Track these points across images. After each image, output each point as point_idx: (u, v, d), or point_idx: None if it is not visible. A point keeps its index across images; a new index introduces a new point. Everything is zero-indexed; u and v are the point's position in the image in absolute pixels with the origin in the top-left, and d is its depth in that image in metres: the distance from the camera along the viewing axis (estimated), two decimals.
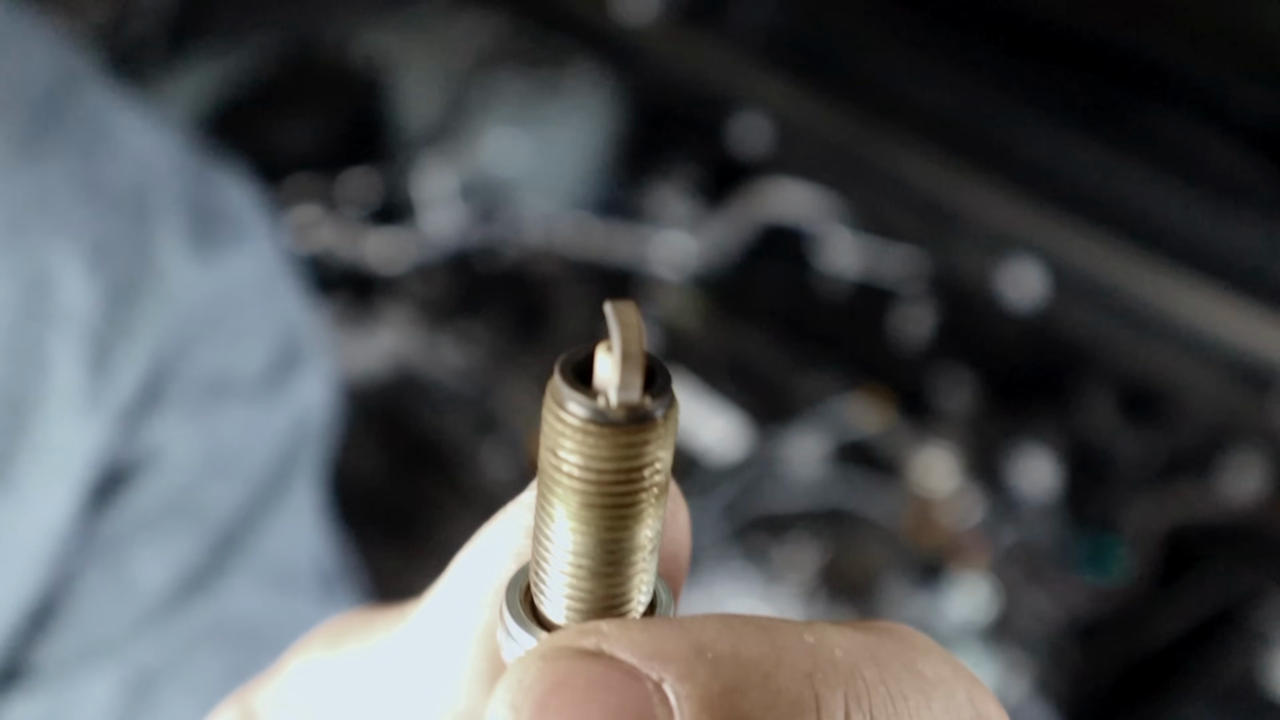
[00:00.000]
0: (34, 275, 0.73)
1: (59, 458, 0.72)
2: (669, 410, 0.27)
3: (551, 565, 0.29)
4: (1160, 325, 1.48)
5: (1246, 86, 1.52)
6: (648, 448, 0.27)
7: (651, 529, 0.28)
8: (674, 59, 1.74)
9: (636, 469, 0.27)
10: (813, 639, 0.27)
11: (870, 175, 1.63)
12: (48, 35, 0.82)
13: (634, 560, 0.29)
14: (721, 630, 0.27)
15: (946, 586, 1.44)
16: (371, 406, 1.62)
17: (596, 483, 0.27)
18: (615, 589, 0.29)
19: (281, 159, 1.74)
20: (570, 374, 0.27)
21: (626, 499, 0.28)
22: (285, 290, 0.84)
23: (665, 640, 0.26)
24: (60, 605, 0.73)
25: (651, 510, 0.28)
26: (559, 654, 0.26)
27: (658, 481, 0.28)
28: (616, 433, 0.27)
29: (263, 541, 0.77)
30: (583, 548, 0.28)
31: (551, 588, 0.29)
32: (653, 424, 0.27)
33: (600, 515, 0.28)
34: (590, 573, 0.28)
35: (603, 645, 0.26)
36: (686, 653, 0.26)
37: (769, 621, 0.27)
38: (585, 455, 0.27)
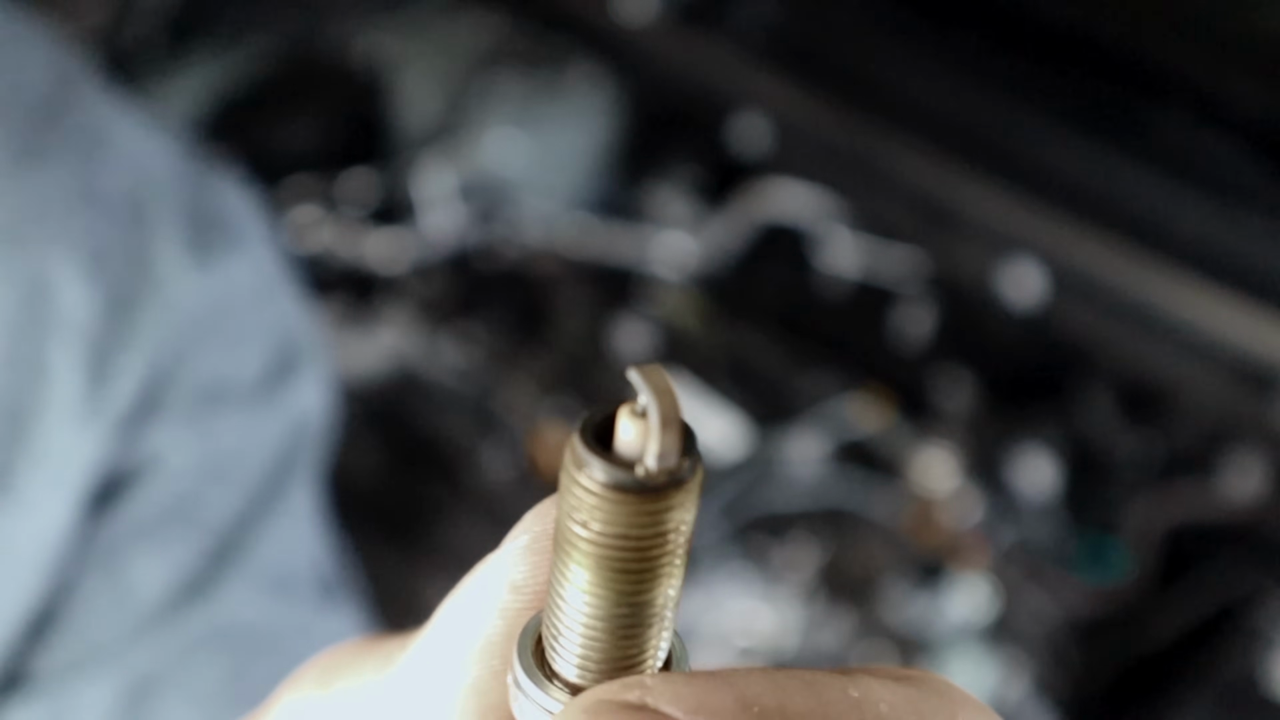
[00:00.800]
0: (33, 283, 0.73)
1: (58, 466, 0.72)
2: (696, 471, 0.27)
3: (566, 625, 0.28)
4: (1160, 325, 1.48)
5: (1246, 86, 1.52)
6: (676, 512, 0.27)
7: (673, 588, 0.28)
8: (674, 59, 1.74)
9: (663, 533, 0.27)
10: (857, 694, 0.27)
11: (870, 175, 1.63)
12: (45, 40, 0.82)
13: (654, 620, 0.28)
14: (766, 685, 0.26)
15: (946, 586, 1.44)
16: (371, 406, 1.62)
17: (620, 549, 0.27)
18: (633, 648, 0.28)
19: (281, 159, 1.74)
20: (592, 437, 0.27)
21: (650, 563, 0.27)
22: (283, 295, 0.84)
23: (710, 694, 0.26)
24: (59, 612, 0.73)
25: (674, 571, 0.28)
26: (602, 708, 0.26)
27: (682, 543, 0.27)
28: (646, 499, 0.26)
29: (260, 547, 0.77)
30: (601, 611, 0.28)
31: (565, 646, 0.28)
32: (683, 487, 0.27)
33: (622, 580, 0.27)
34: (608, 634, 0.28)
35: (647, 699, 0.26)
36: (732, 707, 0.25)
37: (813, 675, 0.27)
38: (610, 522, 0.26)
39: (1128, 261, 1.49)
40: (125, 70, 1.77)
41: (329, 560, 0.84)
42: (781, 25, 1.73)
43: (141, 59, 1.82)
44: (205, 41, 1.85)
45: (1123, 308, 1.50)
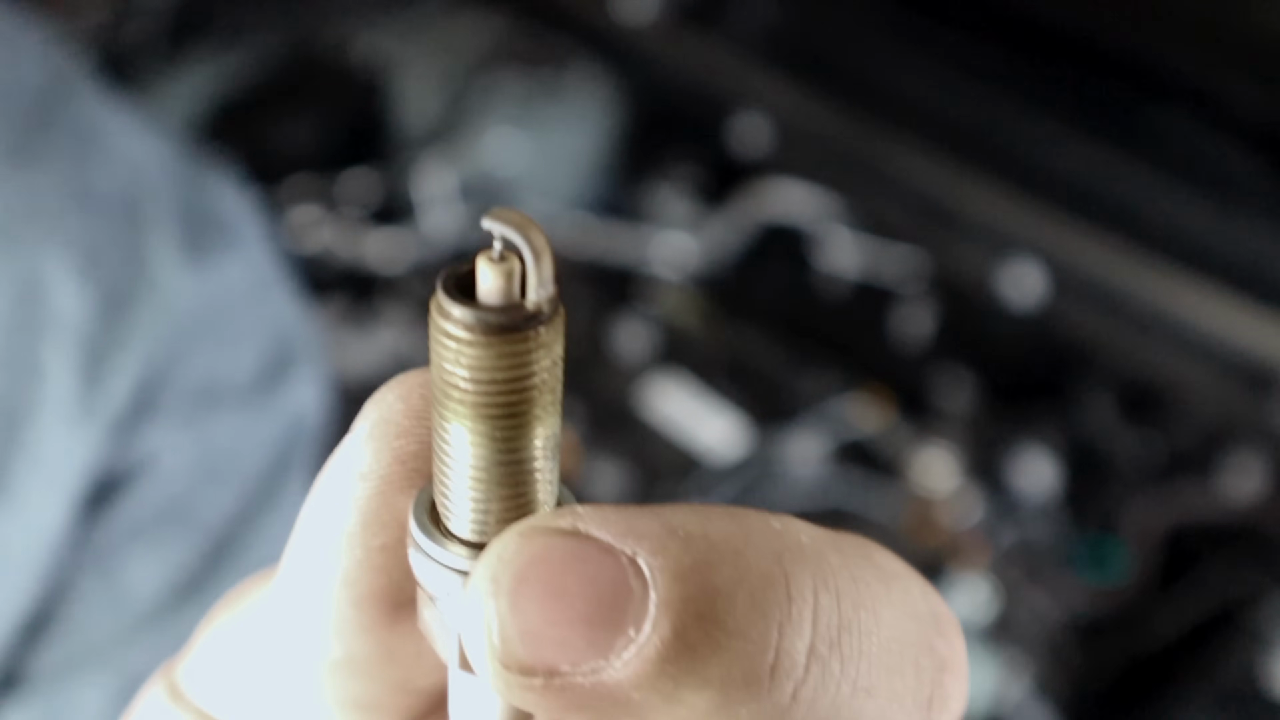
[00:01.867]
0: (27, 283, 0.73)
1: (53, 467, 0.72)
2: (558, 309, 0.27)
3: (455, 481, 0.29)
4: (1160, 325, 1.48)
5: (1246, 86, 1.52)
6: (548, 348, 0.27)
7: (553, 430, 0.29)
8: (674, 59, 1.74)
9: (536, 371, 0.28)
10: (780, 525, 0.28)
11: (870, 175, 1.63)
12: (40, 40, 0.82)
13: (539, 465, 0.29)
14: (691, 514, 0.27)
15: (946, 586, 1.44)
16: None
17: (498, 391, 0.27)
18: (522, 495, 0.29)
19: (281, 159, 1.74)
20: (454, 287, 0.27)
21: (528, 404, 0.28)
22: (279, 295, 0.84)
23: (638, 520, 0.27)
24: (54, 613, 0.73)
25: (554, 412, 0.28)
26: (536, 532, 0.27)
27: (554, 384, 0.28)
28: (518, 337, 0.27)
29: (255, 547, 0.77)
30: (487, 460, 0.28)
31: (457, 503, 0.29)
32: (552, 321, 0.27)
33: (502, 425, 0.28)
34: (497, 482, 0.29)
35: (578, 524, 0.27)
36: (659, 531, 0.27)
37: (738, 510, 0.28)
38: (486, 366, 0.27)
39: (1128, 261, 1.49)
40: (125, 70, 1.77)
41: None
42: (781, 25, 1.73)
43: (141, 59, 1.82)
44: (205, 41, 1.85)
45: (1123, 308, 1.50)
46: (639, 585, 0.26)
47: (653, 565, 0.26)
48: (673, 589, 0.26)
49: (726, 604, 0.26)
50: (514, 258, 0.27)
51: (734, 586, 0.26)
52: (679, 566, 0.26)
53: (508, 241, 0.27)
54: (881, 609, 0.28)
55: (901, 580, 0.29)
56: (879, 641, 0.28)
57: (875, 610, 0.28)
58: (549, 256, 0.27)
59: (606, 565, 0.26)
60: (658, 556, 0.26)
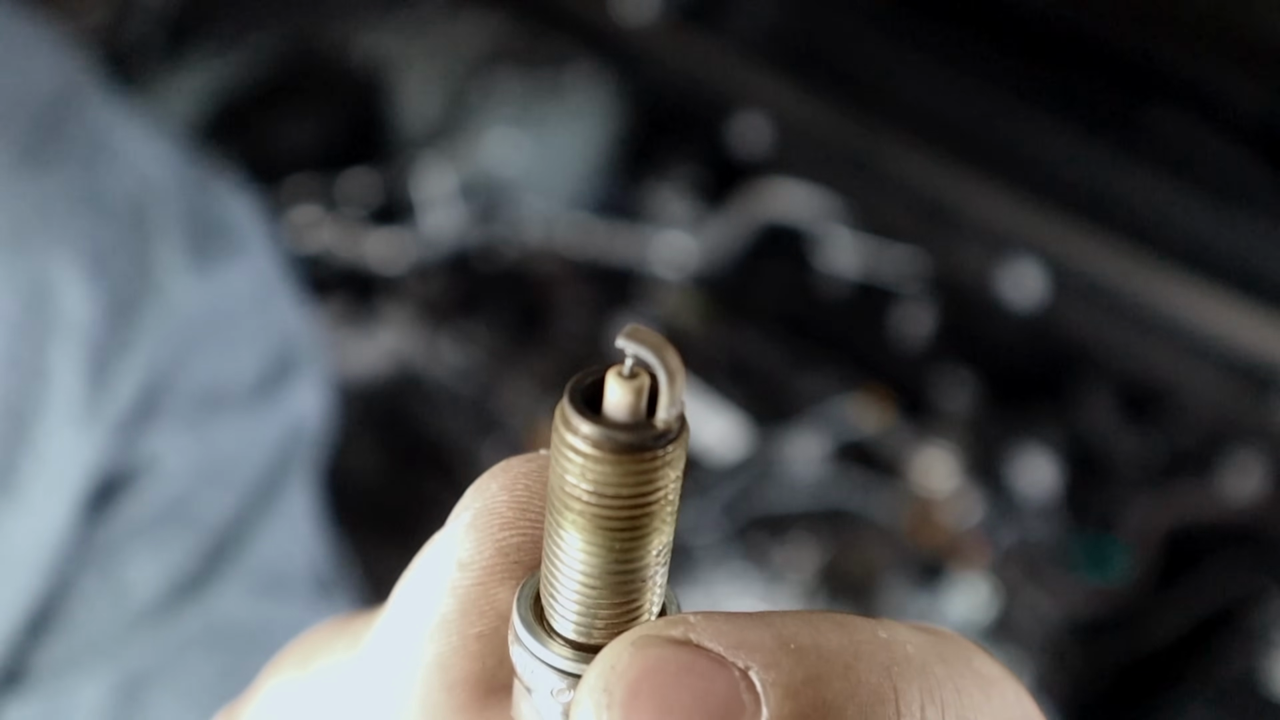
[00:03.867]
0: (34, 286, 0.73)
1: (57, 466, 0.72)
2: (685, 426, 0.28)
3: (564, 584, 0.29)
4: (1160, 325, 1.48)
5: (1246, 86, 1.52)
6: (671, 467, 0.28)
7: (666, 543, 0.29)
8: (674, 59, 1.74)
9: (658, 489, 0.28)
10: (886, 635, 0.28)
11: (870, 175, 1.63)
12: (50, 44, 0.82)
13: (649, 575, 0.29)
14: (801, 624, 0.28)
15: (946, 586, 1.44)
16: (371, 406, 1.62)
17: (617, 507, 0.27)
18: (630, 602, 0.29)
19: (281, 159, 1.74)
20: (581, 400, 0.27)
21: (646, 519, 0.28)
22: (282, 300, 0.85)
23: (750, 631, 0.27)
24: (56, 611, 0.73)
25: (668, 525, 0.29)
26: (649, 642, 0.27)
27: (673, 498, 0.28)
28: (643, 457, 0.27)
29: (255, 548, 0.77)
30: (599, 569, 0.28)
31: (564, 604, 0.29)
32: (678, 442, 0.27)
33: (618, 538, 0.28)
34: (607, 590, 0.29)
35: (690, 635, 0.27)
36: (771, 643, 0.27)
37: (845, 617, 0.28)
38: (607, 482, 0.27)
39: (1128, 261, 1.49)
40: (125, 70, 1.77)
41: (326, 560, 0.84)
42: (781, 25, 1.73)
43: (141, 59, 1.82)
44: (205, 41, 1.85)
45: (1123, 308, 1.50)
46: (751, 700, 0.26)
47: (765, 680, 0.26)
48: (785, 705, 0.26)
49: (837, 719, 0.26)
50: (644, 375, 0.27)
51: (845, 701, 0.27)
52: (791, 681, 0.26)
53: (640, 359, 0.27)
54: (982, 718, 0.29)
55: (999, 686, 0.30)
56: None
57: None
58: (681, 378, 0.27)
59: (719, 679, 0.26)
60: (770, 671, 0.27)
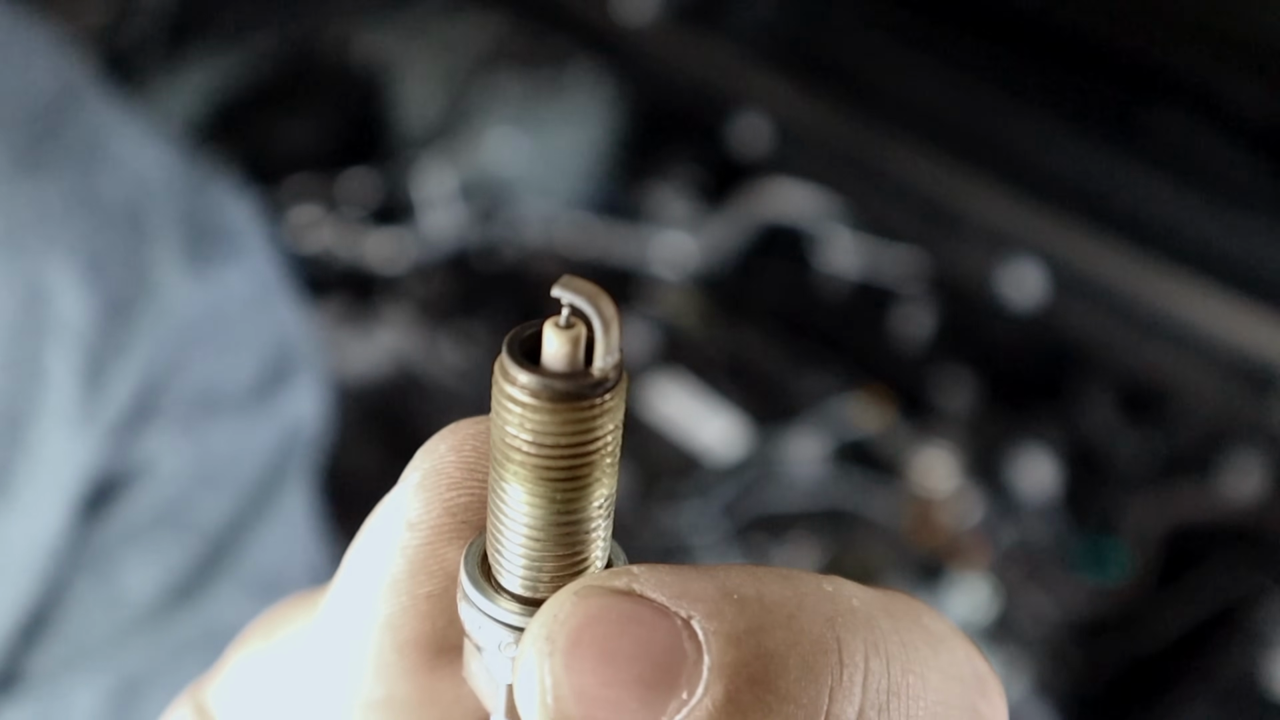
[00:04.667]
0: (31, 288, 0.73)
1: (53, 469, 0.72)
2: (622, 377, 0.28)
3: (509, 538, 0.29)
4: (1160, 325, 1.48)
5: (1246, 86, 1.52)
6: (610, 415, 0.28)
7: (609, 492, 0.29)
8: (674, 59, 1.74)
9: (599, 437, 0.28)
10: (831, 588, 0.28)
11: (870, 175, 1.63)
12: (48, 46, 0.82)
13: (593, 527, 0.29)
14: (745, 576, 0.28)
15: (946, 586, 1.44)
16: (371, 406, 1.62)
17: (559, 456, 0.28)
18: (576, 554, 0.29)
19: (281, 159, 1.74)
20: (519, 351, 0.27)
21: (588, 469, 0.28)
22: (279, 303, 0.85)
23: (694, 582, 0.27)
24: (50, 614, 0.73)
25: (611, 475, 0.29)
26: (592, 592, 0.27)
27: (613, 449, 0.28)
28: (582, 405, 0.27)
29: (252, 551, 0.77)
30: (543, 520, 0.28)
31: (510, 559, 0.29)
32: (616, 389, 0.27)
33: (561, 488, 0.28)
34: (551, 542, 0.29)
35: (634, 585, 0.27)
36: (714, 594, 0.27)
37: (790, 571, 0.29)
38: (547, 431, 0.27)
39: (1128, 261, 1.49)
40: (125, 70, 1.77)
41: (325, 564, 0.84)
42: (781, 25, 1.73)
43: (141, 59, 1.82)
44: (205, 41, 1.85)
45: (1123, 308, 1.50)
46: (693, 648, 0.26)
47: (707, 629, 0.27)
48: (726, 653, 0.26)
49: (779, 668, 0.27)
50: (580, 324, 0.27)
51: (787, 651, 0.27)
52: (733, 630, 0.27)
53: (575, 308, 0.27)
54: (929, 673, 0.29)
55: (948, 643, 0.30)
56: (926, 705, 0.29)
57: (923, 674, 0.29)
58: (617, 325, 0.27)
59: (661, 627, 0.27)
60: (712, 620, 0.27)
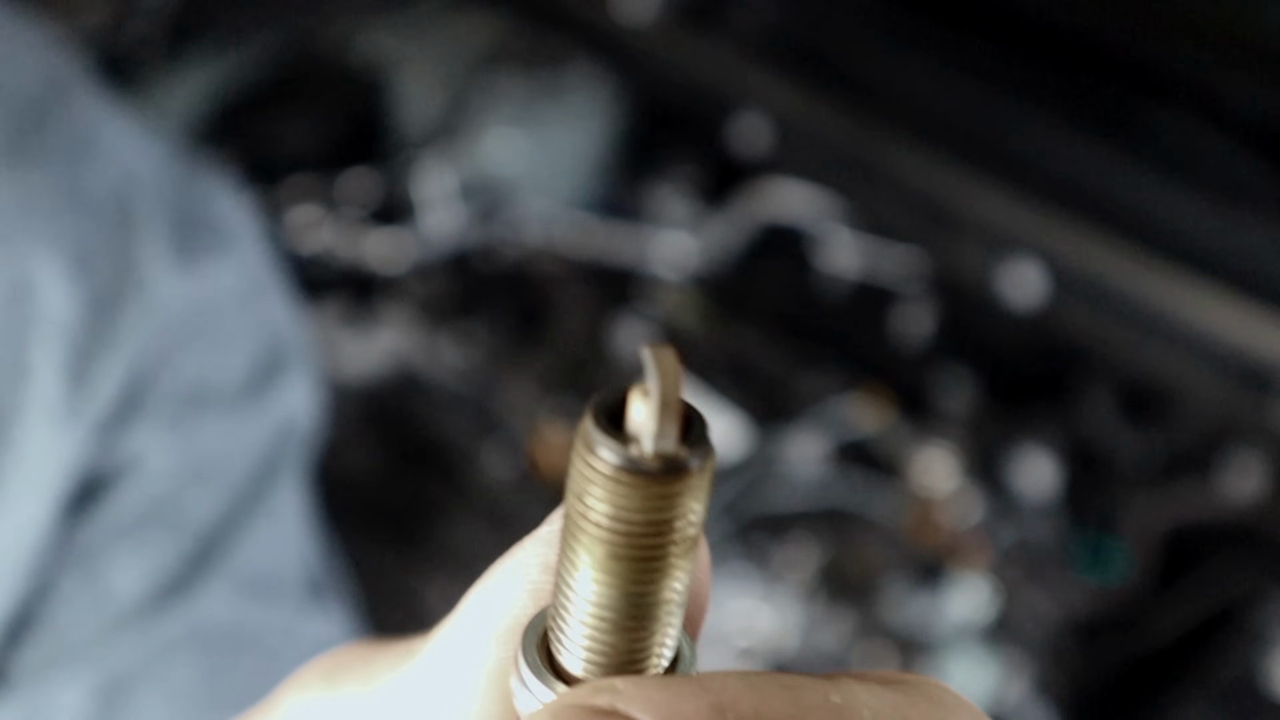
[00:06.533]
0: (16, 283, 0.73)
1: (38, 466, 0.72)
2: (705, 461, 0.26)
3: (572, 615, 0.27)
4: (1160, 325, 1.48)
5: (1246, 86, 1.52)
6: (681, 499, 0.26)
7: (680, 583, 0.27)
8: (674, 59, 1.74)
9: (668, 521, 0.26)
10: (839, 699, 0.26)
11: (870, 175, 1.63)
12: (36, 40, 0.82)
13: (659, 615, 0.27)
14: (743, 689, 0.25)
15: (946, 586, 1.44)
16: (371, 406, 1.62)
17: (626, 534, 0.26)
18: (638, 643, 0.27)
19: (281, 159, 1.74)
20: (603, 418, 0.26)
21: (656, 552, 0.26)
22: (270, 298, 0.84)
23: (684, 700, 0.25)
24: (36, 613, 0.73)
25: (681, 564, 0.27)
26: (570, 713, 0.25)
27: (690, 535, 0.27)
28: (649, 483, 0.26)
29: (242, 549, 0.76)
30: (607, 600, 0.27)
31: (570, 638, 0.28)
32: (687, 475, 0.26)
33: (628, 568, 0.26)
34: (613, 626, 0.27)
35: (617, 704, 0.25)
36: (706, 713, 0.25)
37: (792, 679, 0.26)
38: (616, 505, 0.26)
39: (1128, 261, 1.49)
40: (125, 70, 1.77)
41: (318, 561, 0.84)
42: (781, 25, 1.73)
43: (141, 59, 1.82)
44: (205, 41, 1.85)
45: (1123, 308, 1.50)
46: None
47: None
48: None
49: None
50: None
51: None
52: None
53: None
54: None
55: None
56: None
57: None
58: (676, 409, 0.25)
59: None
60: None
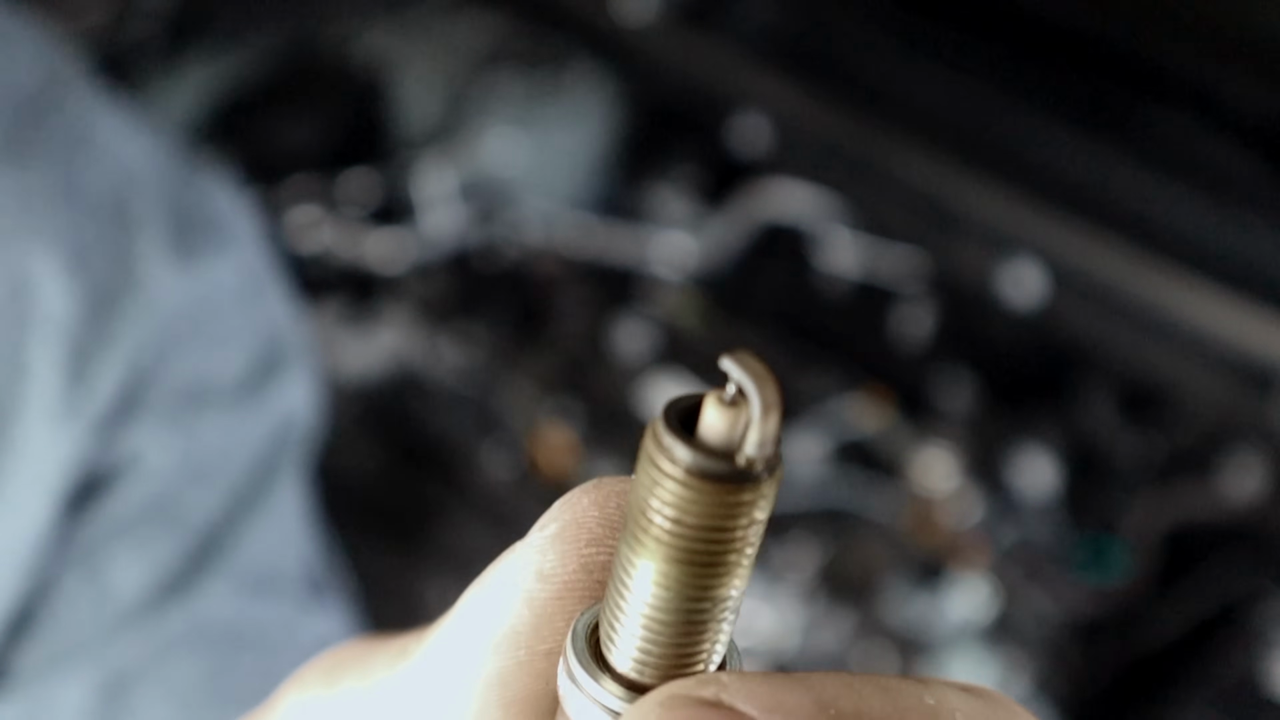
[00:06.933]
0: (14, 280, 0.73)
1: (37, 464, 0.72)
2: (777, 468, 0.26)
3: (628, 616, 0.27)
4: (1160, 325, 1.48)
5: (1246, 86, 1.52)
6: (750, 506, 0.26)
7: (739, 588, 0.27)
8: (674, 59, 1.74)
9: (735, 527, 0.26)
10: (933, 701, 0.26)
11: (870, 175, 1.63)
12: (34, 38, 0.82)
13: (719, 617, 0.28)
14: (843, 688, 0.26)
15: (946, 586, 1.44)
16: (371, 406, 1.62)
17: (693, 539, 0.26)
18: (693, 646, 0.28)
19: (281, 159, 1.74)
20: (675, 422, 0.26)
21: (720, 558, 0.27)
22: (269, 295, 0.84)
23: (787, 695, 0.25)
24: (37, 611, 0.73)
25: (742, 570, 0.27)
26: (677, 702, 0.25)
27: (753, 541, 0.27)
28: (725, 490, 0.26)
29: (242, 546, 0.76)
30: (666, 603, 0.27)
31: (624, 638, 0.28)
32: (761, 482, 0.26)
33: (691, 573, 0.27)
34: (670, 628, 0.27)
35: (723, 696, 0.25)
36: (810, 708, 0.25)
37: (890, 681, 0.27)
38: (685, 510, 0.26)
39: (1128, 261, 1.49)
40: (125, 70, 1.77)
41: (318, 559, 0.84)
42: (781, 25, 1.73)
43: (141, 59, 1.82)
44: (205, 41, 1.85)
45: (1123, 308, 1.50)
46: None
47: None
48: None
49: None
50: (744, 403, 0.26)
51: None
52: None
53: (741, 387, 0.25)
54: None
55: None
56: None
57: None
58: (778, 413, 0.25)
59: None
60: None
